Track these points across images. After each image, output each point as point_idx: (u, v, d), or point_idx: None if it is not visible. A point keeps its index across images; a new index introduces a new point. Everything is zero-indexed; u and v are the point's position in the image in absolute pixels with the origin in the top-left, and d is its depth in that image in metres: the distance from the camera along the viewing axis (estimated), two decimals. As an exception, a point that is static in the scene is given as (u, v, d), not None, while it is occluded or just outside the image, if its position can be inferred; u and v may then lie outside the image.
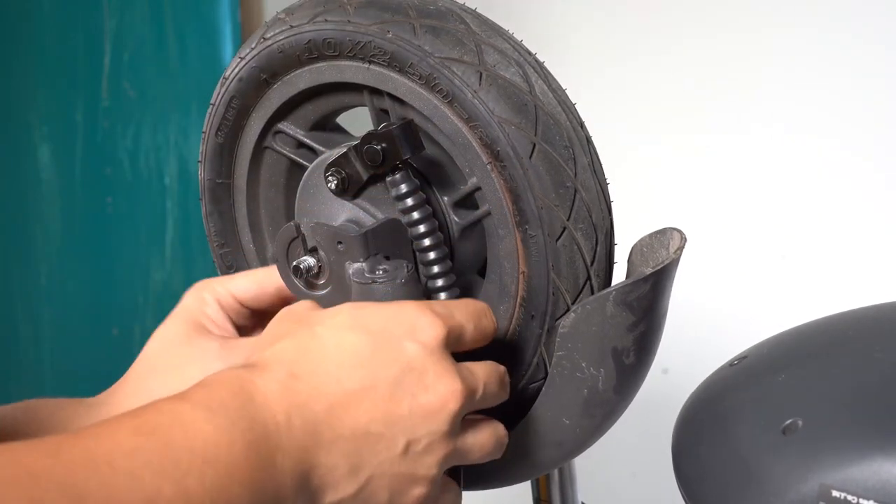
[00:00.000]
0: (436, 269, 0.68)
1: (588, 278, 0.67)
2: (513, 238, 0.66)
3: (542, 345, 0.68)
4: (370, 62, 0.68)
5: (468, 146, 0.66)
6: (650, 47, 1.65)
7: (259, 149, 0.77)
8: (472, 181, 0.68)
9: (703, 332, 1.54)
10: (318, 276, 0.70)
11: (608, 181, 0.69)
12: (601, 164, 0.69)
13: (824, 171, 1.49)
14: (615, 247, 0.70)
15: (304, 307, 0.62)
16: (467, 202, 0.70)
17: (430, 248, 0.67)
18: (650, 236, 0.69)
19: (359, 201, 0.70)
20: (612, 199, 0.69)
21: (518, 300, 0.68)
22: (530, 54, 0.68)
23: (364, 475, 0.57)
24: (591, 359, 0.65)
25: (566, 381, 0.66)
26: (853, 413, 0.60)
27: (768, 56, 1.53)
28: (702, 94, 1.60)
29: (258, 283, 0.74)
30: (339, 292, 0.69)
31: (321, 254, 0.69)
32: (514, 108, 0.64)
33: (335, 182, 0.69)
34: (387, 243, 0.67)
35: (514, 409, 0.70)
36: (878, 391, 0.61)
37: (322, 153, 0.73)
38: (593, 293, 0.67)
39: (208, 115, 0.76)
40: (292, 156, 0.76)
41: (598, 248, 0.67)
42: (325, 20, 0.68)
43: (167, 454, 0.49)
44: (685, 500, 0.65)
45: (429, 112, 0.67)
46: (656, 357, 0.68)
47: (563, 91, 0.69)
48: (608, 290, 0.64)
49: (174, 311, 0.75)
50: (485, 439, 0.62)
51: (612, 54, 1.70)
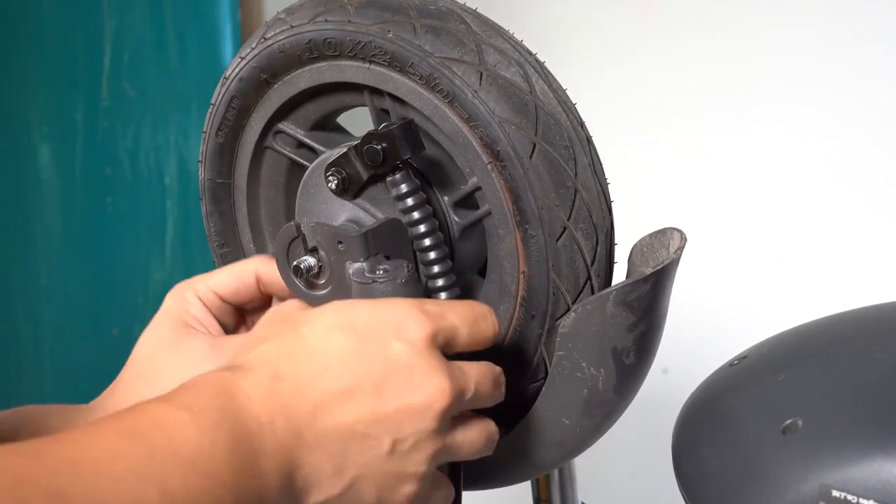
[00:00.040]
0: (436, 268, 0.68)
1: (588, 278, 0.67)
2: (513, 238, 0.66)
3: (542, 345, 0.68)
4: (371, 62, 0.68)
5: (468, 146, 0.66)
6: (650, 47, 1.65)
7: (259, 149, 0.77)
8: (473, 181, 0.68)
9: (703, 332, 1.54)
10: (318, 275, 0.70)
11: (608, 181, 0.69)
12: (601, 164, 0.69)
13: (824, 171, 1.49)
14: (615, 247, 0.70)
15: (291, 307, 0.62)
16: (468, 202, 0.70)
17: (430, 247, 0.67)
18: (650, 236, 0.69)
19: (359, 201, 0.70)
20: (612, 199, 0.69)
21: (518, 300, 0.68)
22: (531, 54, 0.68)
23: (350, 475, 0.56)
24: (591, 359, 0.65)
25: (566, 380, 0.66)
26: (853, 413, 0.60)
27: (768, 56, 1.53)
28: (702, 94, 1.60)
29: (237, 276, 0.74)
30: (340, 292, 0.69)
31: (321, 253, 0.69)
32: (515, 107, 0.64)
33: (335, 182, 0.69)
34: (387, 243, 0.67)
35: (514, 409, 0.71)
36: (878, 391, 0.61)
37: (322, 153, 0.73)
38: (593, 293, 0.67)
39: (209, 114, 0.76)
40: (293, 156, 0.76)
41: (599, 248, 0.67)
42: (326, 20, 0.68)
43: (151, 457, 0.49)
44: (685, 500, 0.65)
45: (429, 112, 0.66)
46: (656, 357, 0.68)
47: (564, 91, 0.69)
48: (608, 290, 0.64)
49: (157, 314, 0.74)
50: (475, 436, 0.62)
51: (612, 54, 1.70)
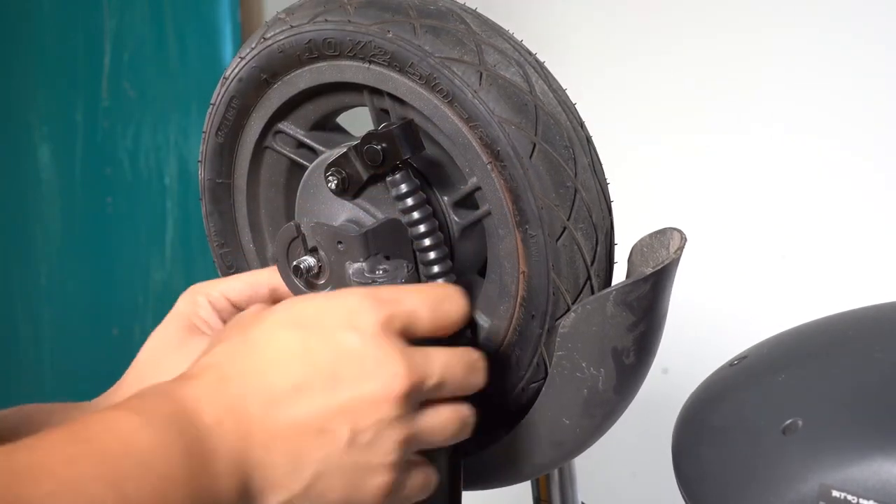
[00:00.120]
0: (436, 268, 0.68)
1: (588, 278, 0.67)
2: (513, 238, 0.66)
3: (542, 345, 0.68)
4: (370, 62, 0.68)
5: (468, 146, 0.66)
6: (650, 47, 1.65)
7: (259, 149, 0.77)
8: (473, 181, 0.68)
9: (703, 332, 1.54)
10: (318, 275, 0.70)
11: (608, 181, 0.69)
12: (601, 164, 0.69)
13: (824, 171, 1.49)
14: (615, 247, 0.70)
15: (251, 312, 0.61)
16: (467, 202, 0.70)
17: (430, 247, 0.67)
18: (650, 236, 0.69)
19: (359, 201, 0.70)
20: (612, 199, 0.69)
21: (518, 300, 0.68)
22: (531, 54, 0.68)
23: (309, 471, 0.55)
24: (591, 359, 0.65)
25: (566, 381, 0.66)
26: (853, 413, 0.60)
27: (768, 56, 1.53)
28: (702, 94, 1.60)
29: (251, 285, 0.74)
30: (340, 292, 0.69)
31: (321, 254, 0.69)
32: (515, 107, 0.64)
33: (335, 182, 0.69)
34: (387, 243, 0.67)
35: (515, 409, 0.71)
36: (878, 391, 0.61)
37: (322, 153, 0.73)
38: (593, 293, 0.67)
39: (208, 114, 0.76)
40: (292, 156, 0.76)
41: (599, 248, 0.67)
42: (326, 20, 0.68)
43: (105, 461, 0.49)
44: (685, 500, 0.65)
45: (429, 112, 0.66)
46: (656, 357, 0.68)
47: (564, 91, 0.69)
48: (608, 290, 0.64)
49: (168, 315, 0.75)
50: (445, 421, 0.59)
51: (612, 54, 1.70)
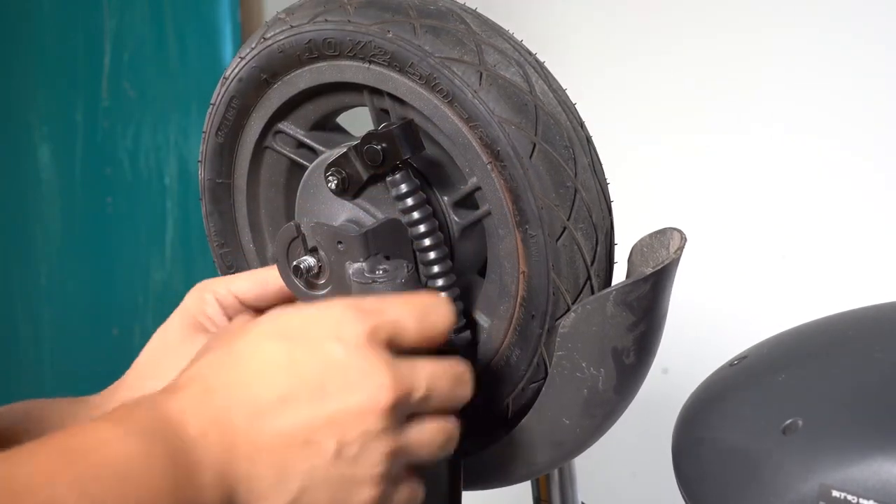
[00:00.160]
0: (436, 268, 0.68)
1: (588, 278, 0.67)
2: (513, 238, 0.66)
3: (542, 345, 0.68)
4: (370, 62, 0.68)
5: (468, 146, 0.66)
6: (650, 47, 1.65)
7: (259, 149, 0.77)
8: (473, 181, 0.68)
9: (703, 332, 1.53)
10: (318, 275, 0.70)
11: (608, 181, 0.69)
12: (601, 164, 0.69)
13: (824, 171, 1.49)
14: (615, 247, 0.70)
15: (237, 323, 0.60)
16: (467, 202, 0.70)
17: (430, 247, 0.67)
18: (650, 236, 0.69)
19: (359, 201, 0.70)
20: (612, 199, 0.69)
21: (518, 300, 0.68)
22: (531, 54, 0.68)
23: (296, 484, 0.55)
24: (591, 359, 0.65)
25: (566, 381, 0.66)
26: (853, 413, 0.60)
27: (768, 56, 1.53)
28: (702, 94, 1.60)
29: (260, 283, 0.74)
30: (340, 292, 0.69)
31: (321, 254, 0.69)
32: (515, 107, 0.64)
33: (335, 182, 0.69)
34: (387, 243, 0.67)
35: (514, 409, 0.71)
36: (878, 391, 0.61)
37: (322, 153, 0.73)
38: (593, 293, 0.67)
39: (208, 114, 0.76)
40: (292, 156, 0.76)
41: (599, 248, 0.67)
42: (326, 20, 0.68)
43: (88, 474, 0.49)
44: (685, 500, 0.65)
45: (429, 112, 0.66)
46: (656, 357, 0.68)
47: (564, 91, 0.69)
48: (608, 289, 0.64)
49: (175, 311, 0.75)
50: (432, 433, 0.58)
51: (612, 54, 1.70)
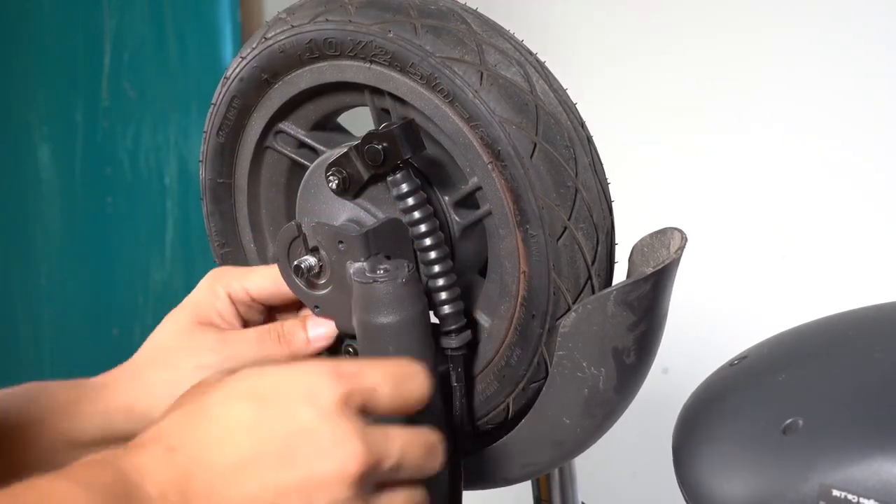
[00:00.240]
0: (436, 268, 0.68)
1: (589, 278, 0.67)
2: (514, 238, 0.66)
3: (542, 344, 0.68)
4: (371, 62, 0.68)
5: (469, 146, 0.66)
6: (650, 47, 1.65)
7: (260, 148, 0.77)
8: (473, 181, 0.68)
9: (703, 332, 1.54)
10: (319, 275, 0.70)
11: (609, 181, 0.69)
12: (602, 164, 0.69)
13: (824, 171, 1.49)
14: (616, 246, 0.70)
15: (213, 377, 0.58)
16: (468, 202, 0.70)
17: (430, 247, 0.67)
18: (651, 236, 0.69)
19: (360, 201, 0.70)
20: (612, 199, 0.69)
21: (519, 300, 0.68)
22: (531, 54, 0.68)
23: None
24: (591, 358, 0.65)
25: (567, 380, 0.66)
26: (853, 413, 0.60)
27: (768, 56, 1.53)
28: (702, 94, 1.60)
29: (274, 282, 0.74)
30: (341, 292, 0.69)
31: (322, 253, 0.69)
32: (515, 107, 0.64)
33: (336, 182, 0.69)
34: (388, 243, 0.67)
35: (515, 409, 0.71)
36: (878, 391, 0.61)
37: (323, 153, 0.73)
38: (594, 293, 0.67)
39: (209, 114, 0.76)
40: (293, 155, 0.76)
41: (599, 248, 0.67)
42: (327, 20, 0.68)
43: None
44: (685, 500, 0.65)
45: (430, 112, 0.66)
46: (656, 357, 0.68)
47: (564, 91, 0.69)
48: (609, 289, 0.64)
49: (185, 300, 0.75)
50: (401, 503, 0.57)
51: (612, 54, 1.70)
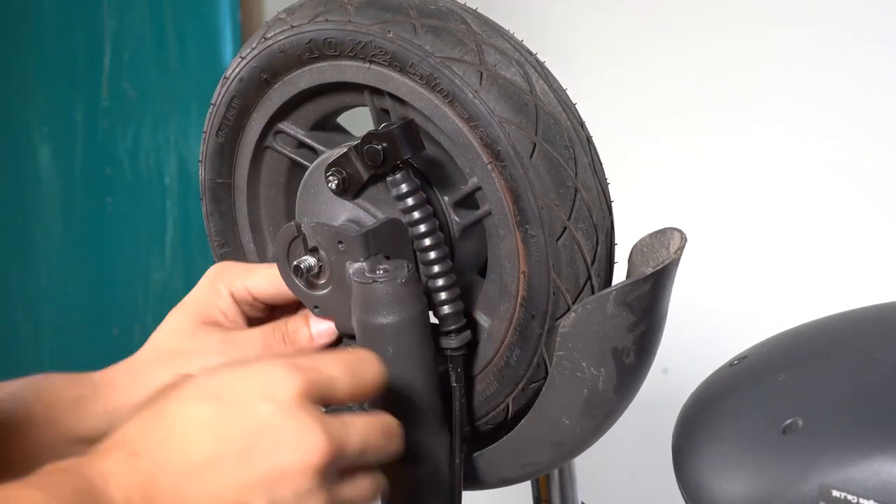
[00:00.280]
0: (436, 268, 0.68)
1: (588, 278, 0.67)
2: (513, 238, 0.66)
3: (542, 345, 0.68)
4: (371, 62, 0.68)
5: (469, 146, 0.66)
6: (650, 47, 1.65)
7: (260, 148, 0.77)
8: (473, 181, 0.68)
9: (703, 332, 1.54)
10: (318, 275, 0.70)
11: (608, 181, 0.69)
12: (602, 164, 0.69)
13: (824, 171, 1.49)
14: (615, 247, 0.70)
15: (173, 381, 0.59)
16: (468, 202, 0.70)
17: (430, 247, 0.67)
18: (650, 236, 0.69)
19: (359, 201, 0.70)
20: (612, 199, 0.69)
21: (518, 300, 0.68)
22: (531, 54, 0.68)
23: None
24: (591, 358, 0.65)
25: (566, 380, 0.66)
26: (853, 413, 0.60)
27: (768, 56, 1.53)
28: (702, 94, 1.60)
29: (275, 283, 0.74)
30: (340, 292, 0.69)
31: (322, 253, 0.69)
32: (515, 107, 0.64)
33: (336, 182, 0.69)
34: (387, 243, 0.67)
35: (514, 409, 0.71)
36: (878, 391, 0.61)
37: (323, 153, 0.73)
38: (594, 293, 0.67)
39: (209, 114, 0.76)
40: (293, 155, 0.76)
41: (599, 248, 0.67)
42: (326, 20, 0.68)
43: None
44: (685, 500, 0.65)
45: (429, 112, 0.66)
46: (656, 357, 0.68)
47: (564, 91, 0.68)
48: (609, 289, 0.64)
49: (187, 298, 0.75)
50: (363, 489, 0.59)
51: (612, 54, 1.70)
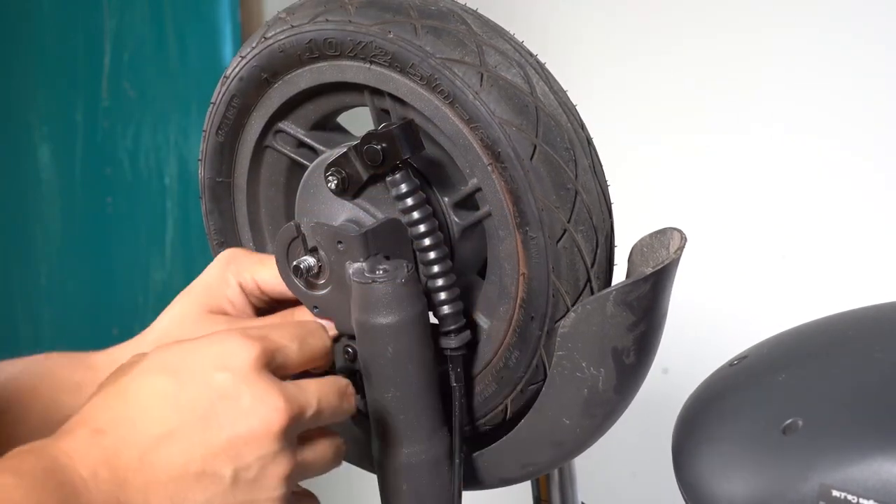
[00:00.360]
0: (436, 269, 0.68)
1: (588, 280, 0.67)
2: (513, 239, 0.66)
3: (541, 346, 0.68)
4: (371, 62, 0.68)
5: (469, 147, 0.66)
6: (650, 47, 1.65)
7: (259, 148, 0.77)
8: (473, 182, 0.68)
9: (703, 332, 1.53)
10: (318, 275, 0.70)
11: (608, 182, 0.69)
12: (602, 166, 0.69)
13: (824, 171, 1.49)
14: (615, 249, 0.69)
15: (131, 359, 0.61)
16: (468, 203, 0.70)
17: (430, 248, 0.67)
18: (650, 236, 0.69)
19: (359, 201, 0.70)
20: (612, 201, 0.69)
21: (518, 301, 0.68)
22: (531, 55, 0.68)
23: None
24: (591, 359, 0.65)
25: (566, 381, 0.66)
26: (853, 413, 0.60)
27: (768, 56, 1.53)
28: (702, 94, 1.60)
29: (282, 281, 0.73)
30: (340, 292, 0.69)
31: (321, 253, 0.69)
32: (516, 109, 0.64)
33: (335, 182, 0.69)
34: (387, 243, 0.67)
35: (513, 410, 0.71)
36: (878, 391, 0.61)
37: (322, 153, 0.73)
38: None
39: (209, 113, 0.76)
40: (293, 155, 0.76)
41: (599, 251, 0.67)
42: (327, 20, 0.68)
43: None
44: (685, 500, 0.65)
45: (430, 113, 0.66)
46: (656, 357, 0.68)
47: (564, 92, 0.68)
48: (608, 289, 0.64)
49: (196, 282, 0.75)
50: (324, 450, 0.62)
51: (612, 54, 1.70)
